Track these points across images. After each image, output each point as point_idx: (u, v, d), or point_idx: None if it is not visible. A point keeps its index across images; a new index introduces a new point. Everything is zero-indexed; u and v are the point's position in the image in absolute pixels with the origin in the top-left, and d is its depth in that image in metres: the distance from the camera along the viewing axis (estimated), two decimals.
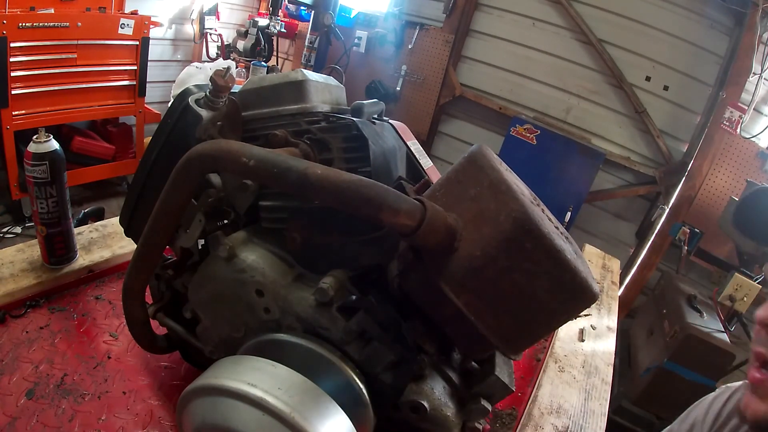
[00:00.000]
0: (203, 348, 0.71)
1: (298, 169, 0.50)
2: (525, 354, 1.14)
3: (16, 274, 0.93)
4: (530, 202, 0.53)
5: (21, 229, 2.82)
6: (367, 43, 3.87)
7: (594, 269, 1.56)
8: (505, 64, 3.48)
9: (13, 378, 0.76)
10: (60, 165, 0.88)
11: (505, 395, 0.65)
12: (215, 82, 0.67)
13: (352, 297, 0.61)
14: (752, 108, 2.72)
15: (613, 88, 3.16)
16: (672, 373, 2.23)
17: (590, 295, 0.54)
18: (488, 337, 0.54)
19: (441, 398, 0.60)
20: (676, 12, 2.91)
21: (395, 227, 0.49)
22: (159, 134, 0.72)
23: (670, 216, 2.95)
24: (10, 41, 2.39)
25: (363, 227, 0.63)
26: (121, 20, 2.84)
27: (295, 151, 0.67)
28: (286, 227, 0.65)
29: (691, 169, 2.91)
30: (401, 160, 0.81)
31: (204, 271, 0.66)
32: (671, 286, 2.60)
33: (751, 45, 2.63)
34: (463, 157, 0.57)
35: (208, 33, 3.88)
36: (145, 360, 0.86)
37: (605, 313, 1.32)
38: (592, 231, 3.35)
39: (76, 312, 0.93)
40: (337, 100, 0.81)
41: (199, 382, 0.54)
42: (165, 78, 3.65)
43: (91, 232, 1.11)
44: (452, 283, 0.53)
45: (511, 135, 3.23)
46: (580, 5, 3.14)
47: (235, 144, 0.55)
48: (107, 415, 0.74)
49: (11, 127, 2.55)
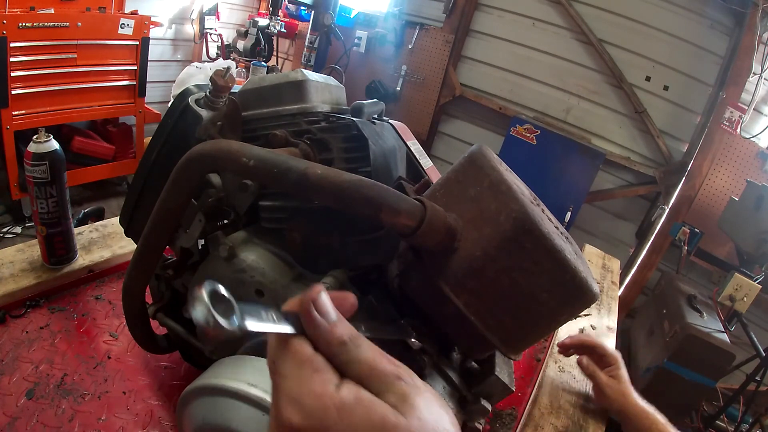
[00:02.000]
0: (203, 348, 0.71)
1: (298, 169, 0.50)
2: (525, 354, 1.14)
3: (16, 274, 0.93)
4: (530, 202, 0.53)
5: (21, 229, 2.82)
6: (367, 43, 3.87)
7: (594, 269, 1.56)
8: (505, 64, 3.48)
9: (13, 378, 0.76)
10: (60, 165, 0.88)
11: (505, 395, 0.65)
12: (215, 82, 0.67)
13: None
14: (752, 108, 2.72)
15: (613, 88, 3.16)
16: (672, 373, 2.23)
17: (590, 295, 0.54)
18: (488, 337, 0.54)
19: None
20: (676, 12, 2.91)
21: (395, 227, 0.49)
22: (159, 134, 0.72)
23: (670, 216, 2.95)
24: (10, 41, 2.39)
25: (363, 227, 0.63)
26: (121, 20, 2.84)
27: (295, 151, 0.67)
28: (286, 227, 0.65)
29: (691, 169, 2.91)
30: (401, 160, 0.81)
31: (204, 271, 0.66)
32: (671, 286, 2.60)
33: (751, 45, 2.63)
34: (463, 157, 0.57)
35: (208, 33, 3.88)
36: (145, 360, 0.86)
37: (605, 313, 1.32)
38: (592, 231, 3.35)
39: (76, 312, 0.93)
40: (337, 100, 0.81)
41: (199, 382, 0.54)
42: (165, 78, 3.65)
43: (91, 232, 1.11)
44: (452, 283, 0.53)
45: (511, 135, 3.23)
46: (580, 5, 3.14)
47: (235, 144, 0.55)
48: (107, 415, 0.74)
49: (11, 127, 2.55)
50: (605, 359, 0.91)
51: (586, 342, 0.95)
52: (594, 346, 0.93)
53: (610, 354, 0.91)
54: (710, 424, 2.43)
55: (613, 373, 0.89)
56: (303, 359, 0.29)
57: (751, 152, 2.78)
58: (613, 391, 0.87)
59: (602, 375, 0.89)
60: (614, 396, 0.86)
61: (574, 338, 0.97)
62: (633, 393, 0.86)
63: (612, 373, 0.89)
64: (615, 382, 0.88)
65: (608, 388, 0.87)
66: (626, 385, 0.87)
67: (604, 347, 0.92)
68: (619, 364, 0.90)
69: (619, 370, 0.89)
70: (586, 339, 0.96)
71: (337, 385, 0.29)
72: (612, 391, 0.87)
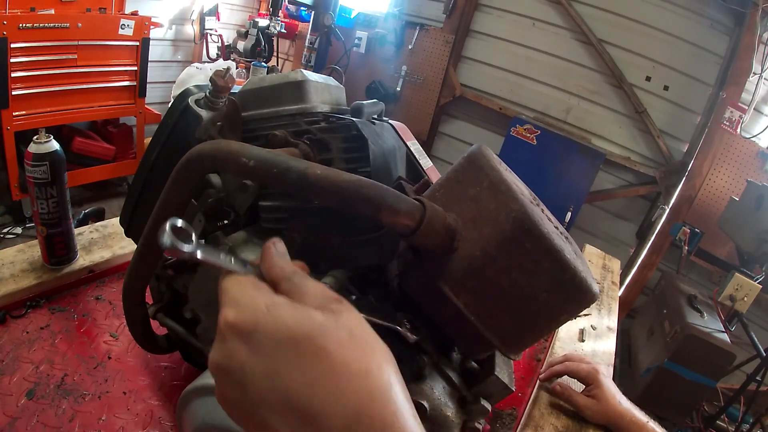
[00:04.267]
0: (203, 348, 0.71)
1: (298, 169, 0.50)
2: (525, 354, 1.14)
3: (17, 274, 0.93)
4: (530, 202, 0.53)
5: (21, 229, 2.83)
6: (367, 44, 3.87)
7: (594, 269, 1.56)
8: (505, 64, 3.48)
9: (14, 378, 0.76)
10: (60, 165, 0.88)
11: (505, 395, 0.65)
12: (215, 82, 0.67)
13: (352, 297, 0.61)
14: (752, 108, 2.72)
15: (613, 88, 3.16)
16: (672, 373, 2.23)
17: (590, 295, 0.54)
18: (488, 337, 0.54)
19: (441, 398, 0.60)
20: (676, 12, 2.91)
21: (395, 227, 0.49)
22: (159, 135, 0.73)
23: (671, 216, 2.95)
24: (10, 42, 2.39)
25: (363, 227, 0.63)
26: (122, 21, 2.85)
27: (295, 151, 0.67)
28: (286, 227, 0.65)
29: (691, 169, 2.91)
30: (401, 161, 0.81)
31: (204, 272, 0.67)
32: (671, 286, 2.60)
33: (751, 45, 2.63)
34: (463, 157, 0.57)
35: (209, 33, 3.88)
36: (146, 360, 0.86)
37: (605, 313, 1.32)
38: (592, 231, 3.35)
39: (76, 312, 0.93)
40: (336, 101, 0.81)
41: (199, 382, 0.54)
42: (165, 78, 3.65)
43: (92, 232, 1.11)
44: (452, 283, 0.53)
45: (511, 135, 3.23)
46: (580, 5, 3.14)
47: (235, 144, 0.55)
48: (107, 415, 0.74)
49: (12, 128, 2.55)
50: (582, 380, 0.89)
51: (557, 372, 0.92)
52: (567, 372, 0.91)
53: (585, 374, 0.88)
54: (711, 424, 2.43)
55: (592, 392, 0.86)
56: (247, 280, 0.33)
57: (752, 152, 2.78)
58: (592, 412, 0.84)
59: (579, 398, 0.87)
60: (594, 417, 0.84)
61: (546, 372, 0.94)
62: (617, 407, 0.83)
63: (591, 392, 0.86)
64: (594, 402, 0.85)
65: (586, 410, 0.85)
66: (606, 403, 0.83)
67: (578, 369, 0.90)
68: (597, 382, 0.86)
69: (598, 389, 0.85)
70: (555, 369, 0.93)
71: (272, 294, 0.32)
72: (591, 413, 0.84)
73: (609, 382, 0.87)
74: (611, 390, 0.85)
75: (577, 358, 0.95)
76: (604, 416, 0.84)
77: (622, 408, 0.83)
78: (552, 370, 0.94)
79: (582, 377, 0.89)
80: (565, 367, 0.92)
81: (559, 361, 0.95)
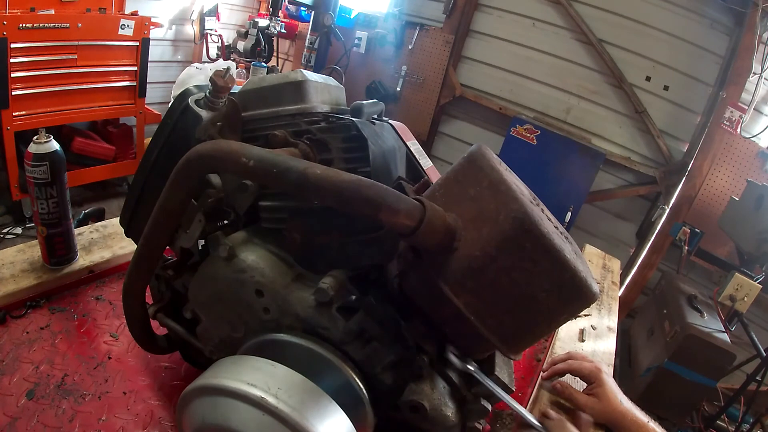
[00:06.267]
0: (203, 348, 0.71)
1: (298, 169, 0.50)
2: (525, 354, 1.14)
3: (17, 274, 0.93)
4: (530, 202, 0.53)
5: (21, 229, 2.83)
6: (367, 44, 3.87)
7: (594, 269, 1.56)
8: (505, 64, 3.48)
9: (14, 378, 0.76)
10: (60, 166, 0.88)
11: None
12: (215, 82, 0.67)
13: (351, 297, 0.61)
14: (752, 108, 2.72)
15: (613, 88, 3.16)
16: (672, 373, 2.23)
17: (590, 294, 0.54)
18: (488, 337, 0.54)
19: (441, 398, 0.60)
20: (676, 12, 2.91)
21: (395, 227, 0.49)
22: (159, 135, 0.72)
23: (671, 216, 2.95)
24: (10, 42, 2.39)
25: (363, 227, 0.63)
26: (122, 21, 2.85)
27: (295, 151, 0.67)
28: (286, 227, 0.65)
29: (691, 169, 2.91)
30: (401, 161, 0.81)
31: (204, 272, 0.67)
32: (672, 286, 2.60)
33: (751, 45, 2.63)
34: (463, 157, 0.57)
35: (209, 34, 3.88)
36: (146, 360, 0.86)
37: (605, 313, 1.32)
38: (592, 231, 3.35)
39: (76, 312, 0.93)
40: (336, 101, 0.81)
41: (199, 382, 0.54)
42: (165, 79, 3.65)
43: (92, 232, 1.11)
44: (452, 283, 0.53)
45: (512, 135, 3.23)
46: (580, 5, 3.14)
47: (235, 144, 0.55)
48: (107, 415, 0.74)
49: (11, 128, 2.55)
50: (585, 378, 0.89)
51: (560, 370, 0.92)
52: (570, 370, 0.91)
53: (588, 372, 0.88)
54: (711, 424, 2.42)
55: (594, 391, 0.85)
56: None
57: (752, 152, 2.78)
58: (594, 411, 0.84)
59: (579, 397, 0.86)
60: (596, 416, 0.84)
61: (549, 370, 0.94)
62: (619, 406, 0.82)
63: (592, 391, 0.86)
64: (595, 401, 0.84)
65: (588, 409, 0.84)
66: (607, 402, 0.83)
67: (581, 368, 0.89)
68: (600, 380, 0.86)
69: (600, 387, 0.85)
70: (558, 367, 0.93)
71: None
72: (593, 411, 0.84)
73: (611, 381, 0.87)
74: (613, 389, 0.85)
75: (580, 356, 0.95)
76: (604, 415, 0.83)
77: (623, 407, 0.83)
78: (555, 368, 0.94)
79: (585, 375, 0.89)
80: (568, 365, 0.92)
81: (562, 358, 0.95)
